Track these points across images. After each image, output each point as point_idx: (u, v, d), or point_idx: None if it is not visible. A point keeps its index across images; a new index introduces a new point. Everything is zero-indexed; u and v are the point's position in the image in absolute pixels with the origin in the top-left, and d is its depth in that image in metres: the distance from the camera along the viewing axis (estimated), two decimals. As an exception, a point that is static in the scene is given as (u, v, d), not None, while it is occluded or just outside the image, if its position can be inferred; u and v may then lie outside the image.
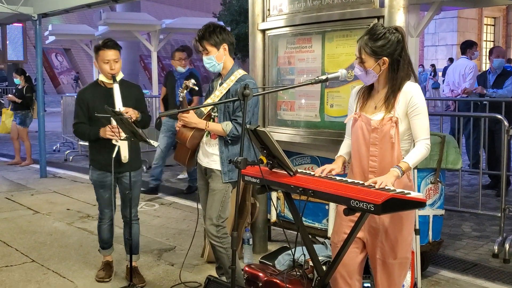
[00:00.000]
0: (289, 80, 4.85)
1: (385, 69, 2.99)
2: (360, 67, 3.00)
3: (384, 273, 3.10)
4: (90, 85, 4.62)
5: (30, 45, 30.30)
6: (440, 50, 30.69)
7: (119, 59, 4.37)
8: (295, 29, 4.76)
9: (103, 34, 13.03)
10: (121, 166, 4.33)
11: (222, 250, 4.02)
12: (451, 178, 7.94)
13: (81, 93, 4.55)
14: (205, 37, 3.92)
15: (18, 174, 9.76)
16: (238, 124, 3.82)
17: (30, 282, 4.63)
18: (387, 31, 2.96)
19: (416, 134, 2.99)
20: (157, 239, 5.76)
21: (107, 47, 4.31)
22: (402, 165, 2.90)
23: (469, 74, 9.19)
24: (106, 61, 4.31)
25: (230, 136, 3.86)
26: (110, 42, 4.35)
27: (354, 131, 3.14)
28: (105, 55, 4.30)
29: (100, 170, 4.45)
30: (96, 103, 4.36)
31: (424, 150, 2.98)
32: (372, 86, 3.13)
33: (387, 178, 2.82)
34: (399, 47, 2.97)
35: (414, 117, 2.97)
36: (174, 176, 9.50)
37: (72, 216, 6.75)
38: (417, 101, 2.96)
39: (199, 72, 9.58)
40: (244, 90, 2.95)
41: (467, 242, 5.64)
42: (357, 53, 3.00)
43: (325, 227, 4.69)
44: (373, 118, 3.04)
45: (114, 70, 4.33)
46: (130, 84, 4.58)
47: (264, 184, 3.04)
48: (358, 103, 3.17)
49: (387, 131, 2.99)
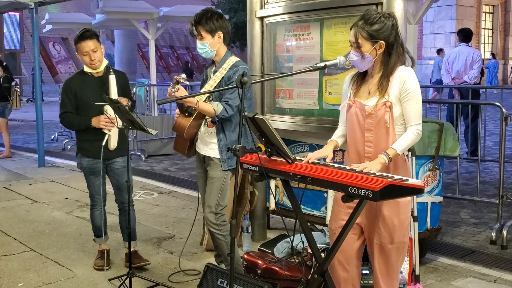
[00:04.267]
0: (287, 68, 4.84)
1: (380, 54, 2.99)
2: (356, 52, 2.99)
3: (381, 258, 3.11)
4: (76, 74, 4.59)
5: (27, 34, 30.21)
6: (439, 38, 30.61)
7: (98, 48, 4.35)
8: (293, 16, 4.74)
9: (101, 23, 12.95)
10: (108, 153, 4.36)
11: (221, 238, 4.03)
12: (449, 166, 7.95)
13: (68, 82, 4.53)
14: (201, 23, 3.90)
15: (16, 164, 9.75)
16: (228, 105, 3.81)
17: (29, 271, 4.64)
18: (382, 16, 2.98)
19: (408, 119, 2.99)
20: (156, 228, 5.77)
21: (83, 38, 4.30)
22: (390, 152, 2.92)
23: (478, 61, 9.18)
24: (84, 53, 4.31)
25: (219, 117, 3.84)
26: (86, 33, 4.33)
27: (349, 117, 3.15)
28: (82, 47, 4.30)
29: (89, 157, 4.46)
30: (84, 92, 4.37)
31: (414, 135, 2.98)
32: (366, 71, 3.12)
33: (373, 165, 2.84)
34: (394, 32, 2.99)
35: (406, 102, 2.97)
36: (173, 165, 9.51)
37: (71, 205, 6.75)
38: (410, 86, 2.96)
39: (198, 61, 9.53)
40: (242, 77, 2.93)
41: (465, 229, 5.65)
42: (353, 39, 3.00)
43: (324, 215, 4.70)
44: (367, 104, 3.04)
45: (95, 60, 4.32)
46: (115, 71, 4.57)
47: (262, 172, 3.03)
48: (352, 89, 3.16)
49: (382, 116, 2.99)
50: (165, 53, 39.48)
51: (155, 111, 11.38)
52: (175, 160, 9.89)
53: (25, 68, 30.38)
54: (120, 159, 4.51)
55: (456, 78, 9.38)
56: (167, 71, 37.89)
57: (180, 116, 3.95)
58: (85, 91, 4.37)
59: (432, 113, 10.68)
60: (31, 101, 24.47)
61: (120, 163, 4.52)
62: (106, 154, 4.33)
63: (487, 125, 9.75)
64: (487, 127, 9.80)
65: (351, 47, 3.03)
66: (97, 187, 4.55)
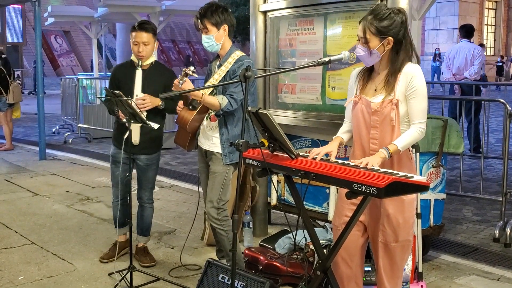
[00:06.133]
0: (290, 62, 4.80)
1: (388, 50, 2.95)
2: (364, 47, 2.96)
3: (386, 257, 3.08)
4: (124, 62, 4.64)
5: (30, 27, 30.22)
6: (441, 34, 30.57)
7: (151, 43, 4.36)
8: (297, 11, 4.70)
9: (102, 16, 12.93)
10: (134, 148, 4.37)
11: (223, 233, 4.00)
12: (452, 162, 7.93)
13: (115, 70, 4.67)
14: (206, 16, 3.87)
15: (17, 156, 9.74)
16: (233, 99, 3.79)
17: (29, 264, 4.62)
18: (392, 12, 2.93)
19: (412, 116, 2.97)
20: (157, 222, 5.74)
21: (140, 28, 4.32)
22: (391, 147, 2.90)
23: (478, 57, 9.16)
24: (135, 42, 4.32)
25: (224, 110, 3.82)
26: (145, 24, 4.36)
27: (355, 114, 3.12)
28: (136, 36, 4.32)
29: (115, 146, 4.52)
30: (124, 81, 4.41)
31: (417, 133, 2.96)
32: (372, 68, 3.09)
33: (373, 159, 2.83)
34: (403, 28, 2.95)
35: (412, 99, 2.95)
36: (174, 159, 9.49)
37: (72, 198, 6.73)
38: (416, 83, 2.93)
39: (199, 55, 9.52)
40: (246, 72, 2.91)
41: (468, 226, 5.63)
42: (361, 33, 2.96)
43: (326, 211, 4.67)
44: (373, 101, 3.01)
45: (142, 53, 4.33)
46: (162, 69, 4.54)
47: (265, 167, 3.01)
48: (358, 85, 3.13)
49: (388, 113, 2.96)
50: (167, 47, 39.43)
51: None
52: (176, 154, 9.86)
53: (27, 61, 30.39)
54: (144, 156, 4.47)
55: (457, 74, 9.36)
56: (168, 65, 37.87)
57: (183, 109, 3.92)
58: (126, 81, 4.40)
59: (435, 109, 10.65)
60: (32, 94, 24.48)
61: (143, 160, 4.49)
62: (131, 148, 4.31)
63: (490, 122, 9.72)
64: (490, 124, 9.77)
65: (358, 42, 2.99)
66: (116, 177, 4.56)
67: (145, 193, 4.61)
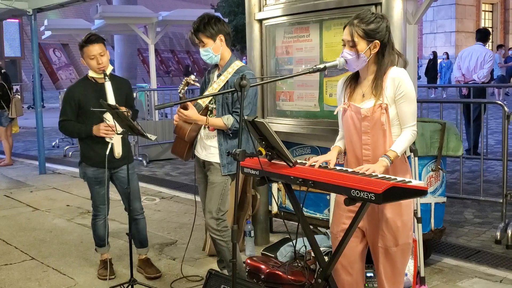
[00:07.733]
0: (287, 70, 4.80)
1: (374, 54, 2.97)
2: (351, 51, 2.97)
3: (387, 262, 3.07)
4: (79, 81, 4.52)
5: (27, 41, 30.19)
6: (439, 37, 30.59)
7: (105, 52, 4.30)
8: (292, 18, 4.71)
9: (100, 28, 12.94)
10: (114, 161, 4.31)
11: (223, 244, 3.98)
12: (452, 165, 7.92)
13: (71, 90, 4.45)
14: (200, 29, 3.86)
15: (17, 171, 9.72)
16: (239, 116, 3.77)
17: (30, 280, 4.60)
18: (377, 16, 2.99)
19: (403, 120, 2.99)
20: (158, 234, 5.73)
21: (90, 42, 4.24)
22: (390, 154, 2.92)
23: (489, 62, 9.29)
24: (92, 56, 4.24)
25: (232, 129, 3.81)
26: (93, 37, 4.28)
27: (345, 121, 3.13)
28: (89, 51, 4.23)
29: (94, 166, 4.40)
30: (88, 99, 4.29)
31: (411, 136, 2.99)
32: (357, 75, 3.11)
33: (377, 168, 2.84)
34: (387, 33, 2.99)
35: (401, 103, 2.97)
36: (175, 170, 9.47)
37: (72, 212, 6.72)
38: (405, 87, 2.96)
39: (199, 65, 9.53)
40: (241, 80, 2.90)
41: (469, 229, 5.61)
42: (348, 37, 2.97)
43: (327, 218, 4.65)
44: (362, 107, 3.02)
45: (102, 64, 4.26)
46: (119, 78, 4.54)
47: (263, 175, 3.00)
48: (346, 93, 3.15)
49: (378, 118, 2.97)
50: (166, 57, 39.48)
51: (156, 116, 11.35)
52: (177, 164, 9.85)
53: (26, 75, 30.39)
54: (125, 166, 4.39)
55: (466, 75, 9.50)
56: (171, 75, 37.97)
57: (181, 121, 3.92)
58: (89, 98, 4.28)
59: (435, 112, 10.64)
60: (31, 108, 24.47)
61: (125, 170, 4.39)
62: (112, 163, 4.27)
63: (489, 123, 9.73)
64: (489, 126, 9.78)
65: (344, 46, 3.00)
66: (101, 197, 4.48)
67: (137, 203, 4.53)
